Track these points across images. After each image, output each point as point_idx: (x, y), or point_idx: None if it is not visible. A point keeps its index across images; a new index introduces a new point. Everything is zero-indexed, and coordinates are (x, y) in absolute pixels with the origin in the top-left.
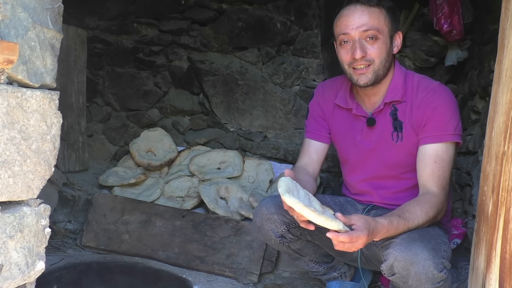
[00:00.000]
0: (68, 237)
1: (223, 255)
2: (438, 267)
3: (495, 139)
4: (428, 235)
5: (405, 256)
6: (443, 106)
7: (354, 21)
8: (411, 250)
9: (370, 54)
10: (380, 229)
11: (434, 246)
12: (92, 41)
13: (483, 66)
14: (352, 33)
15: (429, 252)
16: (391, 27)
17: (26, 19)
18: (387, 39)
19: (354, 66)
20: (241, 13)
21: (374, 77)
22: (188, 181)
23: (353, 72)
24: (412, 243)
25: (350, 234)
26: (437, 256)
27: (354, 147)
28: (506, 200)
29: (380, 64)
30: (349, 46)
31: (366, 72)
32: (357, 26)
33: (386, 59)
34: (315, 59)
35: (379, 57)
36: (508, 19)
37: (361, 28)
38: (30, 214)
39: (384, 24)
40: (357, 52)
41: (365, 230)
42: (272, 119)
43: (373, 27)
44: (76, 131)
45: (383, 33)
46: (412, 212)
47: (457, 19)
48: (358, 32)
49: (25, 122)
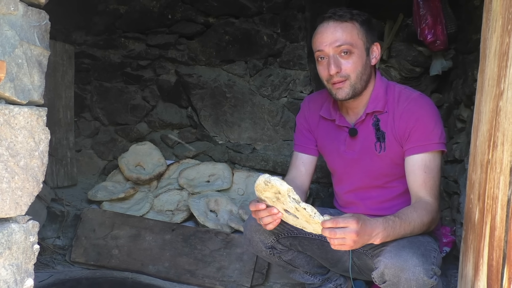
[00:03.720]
0: (57, 253)
1: (214, 268)
2: (428, 273)
3: (480, 148)
4: (418, 242)
5: (395, 262)
6: (425, 116)
7: (327, 37)
8: (401, 256)
9: (345, 69)
10: (375, 225)
11: (424, 252)
12: (80, 56)
13: (467, 75)
14: (326, 50)
15: (419, 258)
16: (366, 39)
17: (13, 37)
18: (362, 52)
19: (331, 81)
20: (227, 27)
21: (351, 91)
22: (177, 195)
23: (332, 87)
24: (401, 250)
25: (336, 218)
26: (427, 262)
27: (338, 158)
28: (492, 207)
29: (356, 78)
30: (325, 62)
31: (343, 86)
32: (330, 42)
33: (362, 72)
34: (302, 71)
35: (354, 71)
36: (489, 29)
37: (334, 44)
38: (18, 231)
39: (358, 37)
40: (331, 68)
41: (353, 217)
42: (260, 131)
43: (346, 42)
44: (64, 146)
45: (357, 46)
46: (408, 214)
47: (441, 29)
48: (331, 48)
49: (12, 139)
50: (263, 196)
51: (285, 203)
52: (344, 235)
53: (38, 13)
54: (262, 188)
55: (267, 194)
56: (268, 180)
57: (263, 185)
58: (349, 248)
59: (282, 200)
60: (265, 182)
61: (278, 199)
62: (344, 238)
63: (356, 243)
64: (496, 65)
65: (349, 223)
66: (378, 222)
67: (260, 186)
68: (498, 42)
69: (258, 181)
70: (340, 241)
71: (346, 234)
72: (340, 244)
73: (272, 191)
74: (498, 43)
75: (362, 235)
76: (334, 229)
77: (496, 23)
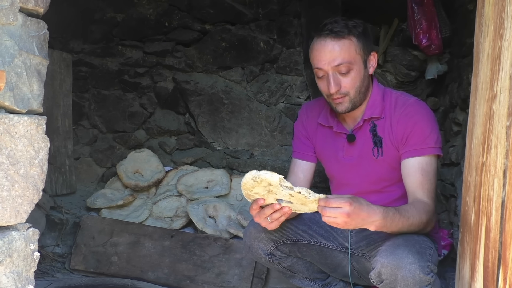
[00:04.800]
0: (57, 261)
1: (213, 274)
2: (425, 270)
3: (475, 150)
4: (413, 240)
5: (391, 261)
6: (422, 121)
7: (325, 56)
8: (396, 254)
9: (344, 86)
10: (373, 211)
11: (419, 250)
12: (77, 64)
13: (462, 78)
14: (325, 68)
15: (414, 255)
16: (364, 52)
17: (12, 47)
18: (360, 67)
19: (332, 98)
20: (224, 33)
21: (351, 105)
22: (176, 201)
23: (332, 101)
24: (397, 248)
25: (331, 198)
26: (423, 259)
27: (337, 164)
28: (487, 209)
29: (355, 93)
30: (324, 79)
31: (343, 101)
32: (328, 61)
33: (361, 85)
34: (298, 77)
35: (353, 87)
36: (482, 33)
37: (333, 63)
38: (19, 238)
39: (355, 53)
40: (331, 87)
41: (348, 199)
42: (258, 137)
43: (345, 61)
44: (62, 154)
45: (355, 63)
46: (408, 210)
47: (435, 34)
48: (330, 67)
49: (12, 148)
50: (252, 193)
51: (278, 193)
52: (335, 214)
53: (37, 23)
54: (250, 185)
55: (256, 190)
56: (257, 176)
57: (252, 182)
58: (341, 227)
59: (275, 191)
60: (253, 179)
61: (270, 191)
62: (335, 217)
63: (348, 224)
64: (489, 69)
65: (343, 204)
66: (377, 210)
67: (248, 184)
68: (490, 46)
69: (245, 179)
70: (331, 219)
71: (337, 214)
72: (331, 221)
73: (262, 185)
74: (491, 47)
75: (355, 217)
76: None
77: (488, 28)
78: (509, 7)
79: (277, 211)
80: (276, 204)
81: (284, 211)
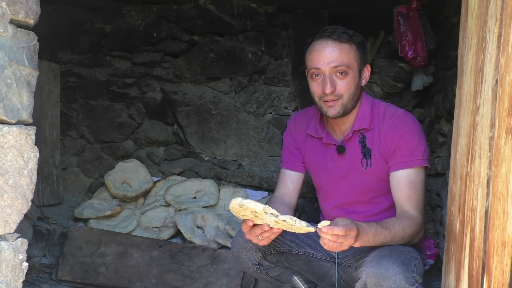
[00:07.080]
0: (43, 271)
1: (201, 284)
2: (409, 281)
3: (459, 161)
4: (398, 251)
5: (376, 271)
6: (409, 133)
7: (325, 56)
8: (381, 265)
9: (339, 89)
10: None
11: (404, 261)
12: (65, 75)
13: (447, 90)
14: (323, 68)
15: (399, 266)
16: (360, 61)
17: (2, 58)
18: (356, 74)
19: (324, 99)
20: (212, 44)
21: (342, 110)
22: (164, 211)
23: (323, 104)
24: (382, 259)
25: (344, 226)
26: (408, 270)
27: (326, 174)
28: (471, 219)
29: (348, 98)
30: (319, 80)
31: (335, 105)
32: (328, 62)
33: (354, 93)
34: (286, 88)
35: (348, 91)
36: (465, 46)
37: (332, 64)
38: (7, 248)
39: (353, 59)
40: (327, 87)
41: (353, 224)
42: (246, 147)
43: (343, 64)
44: (50, 165)
45: (352, 68)
46: (390, 223)
47: (421, 46)
48: (328, 67)
49: (2, 158)
50: (240, 215)
51: (264, 219)
52: (345, 240)
53: (27, 34)
54: (237, 210)
55: (244, 213)
56: (241, 204)
57: (238, 208)
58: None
59: (261, 217)
60: (239, 205)
61: (256, 216)
62: (342, 243)
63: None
64: (472, 81)
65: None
66: (363, 227)
67: (235, 209)
68: (473, 59)
69: (232, 204)
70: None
71: (347, 239)
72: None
73: (249, 211)
74: (474, 60)
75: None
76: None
77: (471, 41)
78: (491, 21)
79: (267, 231)
80: (265, 226)
81: (273, 231)
